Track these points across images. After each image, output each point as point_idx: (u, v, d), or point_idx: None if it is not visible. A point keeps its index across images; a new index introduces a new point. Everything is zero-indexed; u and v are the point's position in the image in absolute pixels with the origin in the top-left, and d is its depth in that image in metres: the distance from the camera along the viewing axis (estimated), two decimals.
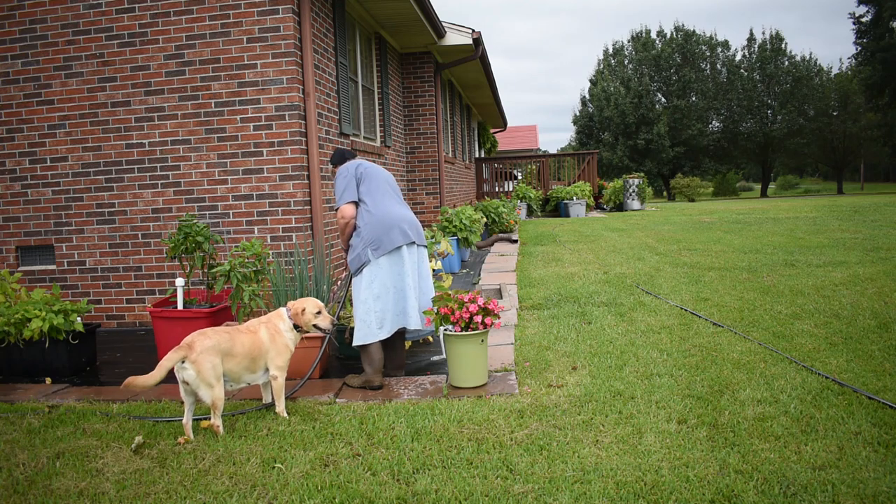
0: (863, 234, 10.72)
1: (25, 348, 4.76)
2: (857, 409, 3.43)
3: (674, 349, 4.69)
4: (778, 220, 13.91)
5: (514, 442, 3.21)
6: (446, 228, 9.08)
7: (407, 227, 4.27)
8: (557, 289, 7.03)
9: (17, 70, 6.37)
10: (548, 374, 4.25)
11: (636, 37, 50.84)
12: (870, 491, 2.61)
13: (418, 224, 4.41)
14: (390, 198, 4.35)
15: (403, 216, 4.31)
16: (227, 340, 3.57)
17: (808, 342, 4.72)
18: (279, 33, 5.98)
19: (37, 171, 6.45)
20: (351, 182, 4.31)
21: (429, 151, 11.12)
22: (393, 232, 4.22)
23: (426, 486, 2.78)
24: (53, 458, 3.24)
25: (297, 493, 2.78)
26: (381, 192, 4.33)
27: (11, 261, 6.57)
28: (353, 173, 4.34)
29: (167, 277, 6.33)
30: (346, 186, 4.30)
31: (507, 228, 12.75)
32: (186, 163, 6.23)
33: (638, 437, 3.20)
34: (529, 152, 35.48)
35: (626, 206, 20.10)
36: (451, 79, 13.77)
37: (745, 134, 47.91)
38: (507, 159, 21.36)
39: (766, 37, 48.27)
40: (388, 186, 4.40)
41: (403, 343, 4.54)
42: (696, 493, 2.65)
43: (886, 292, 6.18)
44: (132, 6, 6.17)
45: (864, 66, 42.18)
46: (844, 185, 51.82)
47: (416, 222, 4.38)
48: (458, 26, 10.57)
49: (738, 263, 8.22)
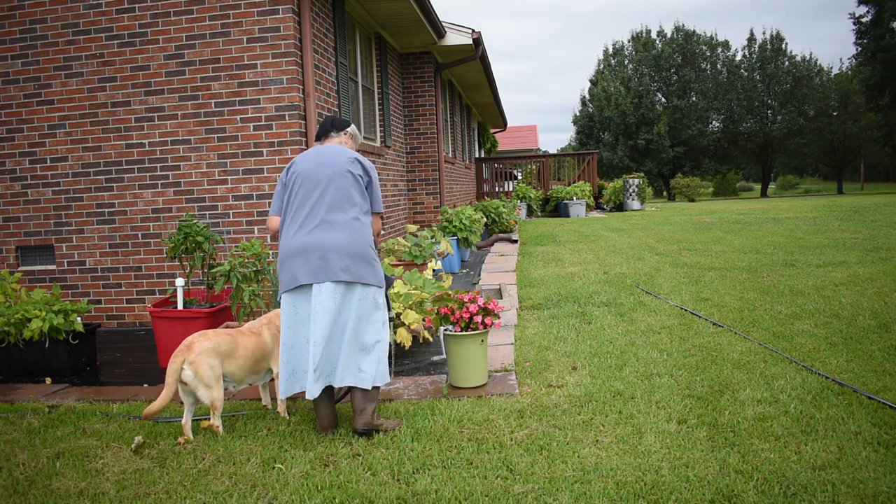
0: (863, 234, 10.72)
1: (25, 348, 4.76)
2: (857, 409, 3.43)
3: (674, 349, 4.69)
4: (778, 221, 13.91)
5: (514, 442, 3.21)
6: (446, 228, 9.08)
7: (317, 259, 3.28)
8: (557, 289, 7.03)
9: (18, 70, 6.37)
10: (548, 374, 4.25)
11: (636, 37, 50.83)
12: (870, 491, 2.61)
13: (349, 252, 3.32)
14: (311, 214, 3.36)
15: (314, 244, 3.30)
16: (229, 343, 3.56)
17: (808, 342, 4.72)
18: (279, 33, 5.98)
19: (37, 171, 6.45)
20: (279, 188, 3.54)
21: (429, 151, 11.12)
22: (292, 264, 3.34)
23: (426, 486, 2.78)
24: (53, 458, 3.24)
25: (297, 493, 2.77)
26: (304, 203, 3.39)
27: (11, 261, 6.57)
28: (284, 176, 3.53)
29: (167, 277, 6.33)
30: (276, 193, 3.56)
31: (507, 228, 12.74)
32: (186, 163, 6.23)
33: (638, 437, 3.20)
34: (529, 152, 35.47)
35: (626, 207, 20.10)
36: (451, 79, 13.77)
37: (745, 134, 47.91)
38: (507, 159, 21.35)
39: (767, 37, 48.29)
40: (319, 194, 3.38)
41: (330, 401, 3.46)
42: (696, 493, 2.65)
43: (886, 292, 6.18)
44: (132, 6, 6.17)
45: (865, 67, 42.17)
46: (844, 185, 51.81)
47: (340, 249, 3.30)
48: (458, 26, 10.57)
49: (738, 263, 8.22)
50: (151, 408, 3.36)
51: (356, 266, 3.34)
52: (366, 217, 3.49)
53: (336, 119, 3.75)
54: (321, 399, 3.41)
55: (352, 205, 3.44)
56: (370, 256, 3.43)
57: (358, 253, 3.36)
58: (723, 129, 48.55)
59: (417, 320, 4.59)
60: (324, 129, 3.70)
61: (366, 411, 3.34)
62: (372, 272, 3.42)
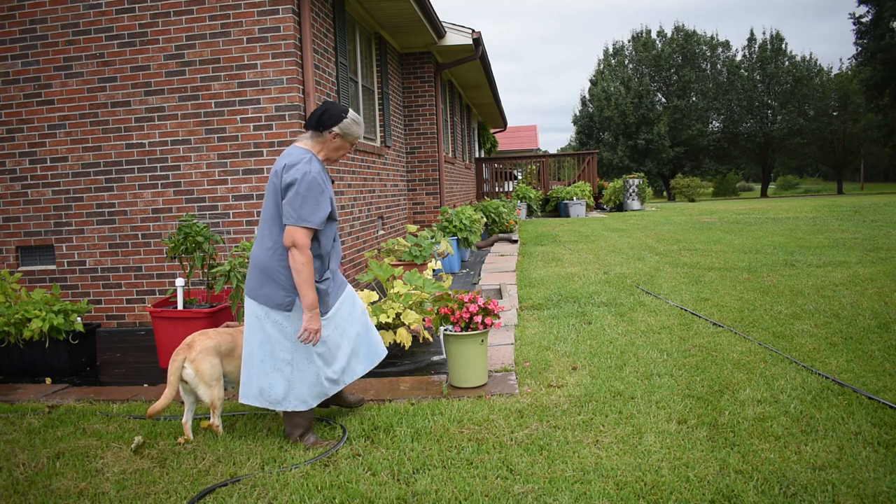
0: (863, 234, 10.72)
1: (25, 348, 4.76)
2: (857, 409, 3.43)
3: (674, 349, 4.69)
4: (778, 221, 13.91)
5: (514, 442, 3.21)
6: (446, 228, 9.08)
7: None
8: (557, 289, 7.03)
9: (18, 70, 6.37)
10: (548, 374, 4.25)
11: (636, 37, 50.85)
12: (870, 491, 2.61)
13: (255, 261, 3.27)
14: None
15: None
16: (229, 342, 3.56)
17: (808, 342, 4.72)
18: (279, 33, 5.98)
19: (37, 171, 6.45)
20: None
21: (429, 151, 11.12)
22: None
23: (426, 486, 2.78)
24: (53, 458, 3.24)
25: (297, 493, 2.77)
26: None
27: (11, 261, 6.57)
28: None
29: (167, 277, 6.33)
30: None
31: (507, 228, 12.75)
32: (186, 163, 6.23)
33: (638, 437, 3.20)
34: (529, 152, 35.47)
35: (626, 207, 20.10)
36: (451, 79, 13.77)
37: (745, 134, 47.93)
38: (507, 159, 21.35)
39: (767, 37, 48.30)
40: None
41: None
42: (696, 493, 2.65)
43: (886, 292, 6.18)
44: (132, 6, 6.17)
45: (865, 67, 42.18)
46: (844, 185, 51.82)
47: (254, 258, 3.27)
48: (459, 26, 10.57)
49: (738, 263, 8.22)
50: (155, 406, 3.36)
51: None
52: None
53: (325, 111, 3.27)
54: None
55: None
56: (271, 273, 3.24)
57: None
58: (723, 129, 48.57)
59: (417, 320, 4.60)
60: (307, 122, 3.33)
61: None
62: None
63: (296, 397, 3.29)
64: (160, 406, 3.35)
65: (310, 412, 3.35)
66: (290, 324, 3.25)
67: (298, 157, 3.21)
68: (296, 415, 3.32)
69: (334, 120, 3.26)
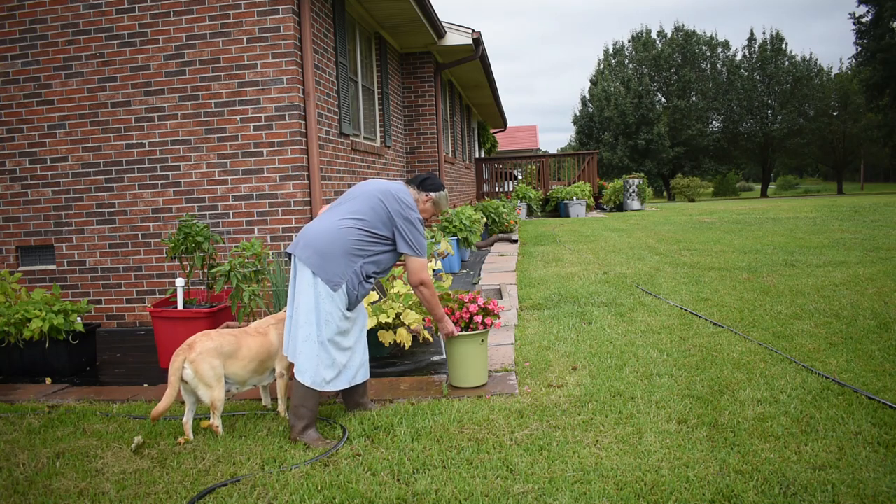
0: (863, 234, 10.72)
1: (25, 348, 4.76)
2: (857, 409, 3.43)
3: (674, 349, 4.69)
4: (778, 221, 13.91)
5: (514, 442, 3.21)
6: (446, 228, 9.08)
7: (301, 234, 3.57)
8: (557, 289, 7.03)
9: (18, 70, 6.37)
10: (548, 374, 4.25)
11: (636, 37, 50.85)
12: (870, 491, 2.61)
13: (316, 235, 3.47)
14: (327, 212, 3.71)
15: (309, 226, 3.63)
16: (232, 343, 3.56)
17: (808, 342, 4.72)
18: (279, 33, 5.98)
19: (37, 171, 6.45)
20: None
21: (429, 151, 11.11)
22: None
23: (426, 486, 2.78)
24: (53, 458, 3.24)
25: (297, 493, 2.78)
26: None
27: (11, 261, 6.57)
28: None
29: (167, 277, 6.33)
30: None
31: (507, 228, 12.74)
32: (186, 163, 6.23)
33: (638, 437, 3.20)
34: (529, 152, 35.47)
35: (626, 207, 20.10)
36: (451, 79, 13.77)
37: (745, 134, 47.93)
38: (507, 159, 21.35)
39: (767, 37, 48.30)
40: (340, 200, 3.76)
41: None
42: (696, 493, 2.65)
43: (886, 292, 6.18)
44: (132, 6, 6.17)
45: (865, 67, 42.18)
46: (844, 185, 51.82)
47: (315, 232, 3.49)
48: (459, 26, 10.57)
49: (738, 263, 8.22)
50: (158, 408, 3.36)
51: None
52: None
53: (429, 178, 3.81)
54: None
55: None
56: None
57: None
58: (723, 129, 48.57)
59: (417, 320, 4.60)
60: (413, 180, 3.82)
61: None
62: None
63: (304, 357, 3.37)
64: (162, 408, 3.36)
65: (313, 404, 3.37)
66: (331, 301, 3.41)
67: (413, 201, 3.65)
68: (300, 406, 3.35)
69: (435, 188, 3.78)
